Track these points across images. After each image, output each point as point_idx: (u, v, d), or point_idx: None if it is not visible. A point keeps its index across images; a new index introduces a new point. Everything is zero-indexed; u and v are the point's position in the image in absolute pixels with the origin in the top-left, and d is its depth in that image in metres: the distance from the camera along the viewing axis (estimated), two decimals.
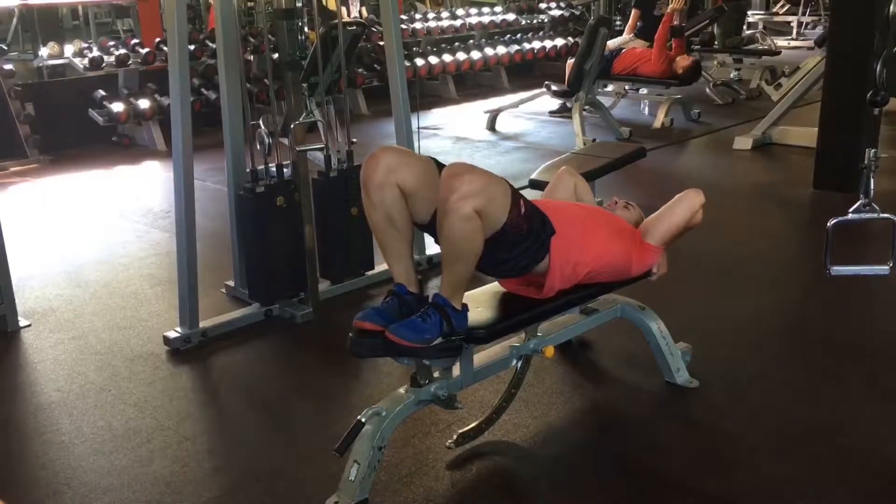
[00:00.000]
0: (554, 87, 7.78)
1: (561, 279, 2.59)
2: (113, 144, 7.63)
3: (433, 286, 4.16)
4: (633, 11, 9.31)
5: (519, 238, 2.44)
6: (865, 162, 2.66)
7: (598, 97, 7.61)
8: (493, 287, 2.80)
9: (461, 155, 6.98)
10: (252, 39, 8.26)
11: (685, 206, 2.86)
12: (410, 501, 2.49)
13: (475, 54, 9.78)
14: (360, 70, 8.70)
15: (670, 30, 7.65)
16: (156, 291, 4.22)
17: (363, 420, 2.40)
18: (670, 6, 7.84)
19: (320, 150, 3.87)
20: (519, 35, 10.63)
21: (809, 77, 6.89)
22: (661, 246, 2.82)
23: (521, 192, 2.51)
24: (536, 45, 10.37)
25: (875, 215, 2.67)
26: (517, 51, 10.09)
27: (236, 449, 2.84)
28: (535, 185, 4.09)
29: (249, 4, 11.37)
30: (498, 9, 11.35)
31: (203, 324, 3.64)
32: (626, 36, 9.18)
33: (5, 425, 3.01)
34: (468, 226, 2.26)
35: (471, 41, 10.24)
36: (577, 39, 10.11)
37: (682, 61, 7.59)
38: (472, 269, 2.38)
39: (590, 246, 2.63)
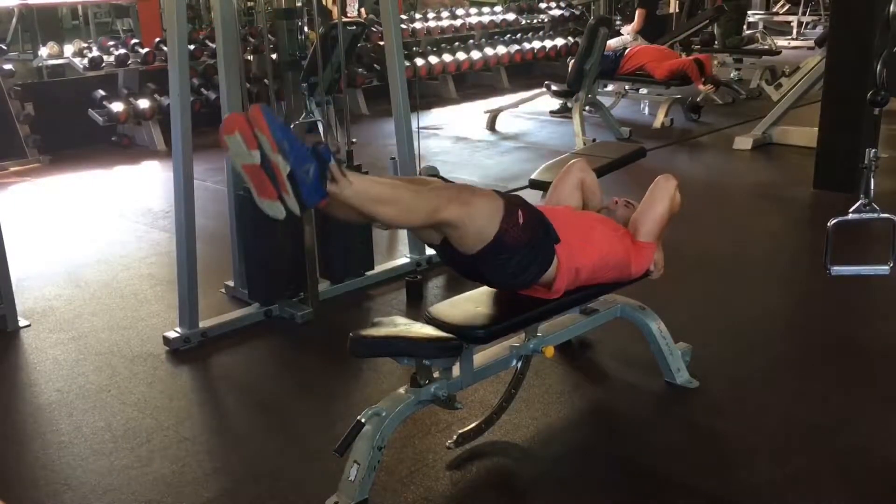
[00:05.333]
0: (554, 87, 7.78)
1: (567, 283, 2.61)
2: (113, 144, 7.63)
3: (433, 286, 4.16)
4: (639, 11, 9.31)
5: (518, 247, 2.44)
6: (865, 162, 2.66)
7: (598, 97, 7.61)
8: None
9: (461, 155, 6.98)
10: (252, 39, 8.26)
11: (662, 194, 2.84)
12: (410, 501, 2.49)
13: (475, 54, 9.78)
14: (360, 70, 8.69)
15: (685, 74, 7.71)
16: (156, 291, 4.22)
17: (363, 420, 2.40)
18: (702, 87, 7.82)
19: None
20: (519, 35, 10.63)
21: (809, 77, 6.89)
22: (653, 241, 2.82)
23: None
24: (536, 45, 10.37)
25: (875, 215, 2.67)
26: (517, 51, 10.09)
27: (236, 449, 2.84)
28: (536, 185, 4.08)
29: (249, 4, 11.36)
30: (498, 9, 11.35)
31: (203, 324, 3.63)
32: (628, 36, 9.19)
33: (5, 425, 3.01)
34: (428, 211, 2.25)
35: (471, 41, 10.24)
36: (577, 39, 10.11)
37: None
38: (365, 204, 2.20)
39: (590, 250, 2.64)
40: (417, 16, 10.20)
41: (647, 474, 2.62)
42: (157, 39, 8.25)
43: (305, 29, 4.67)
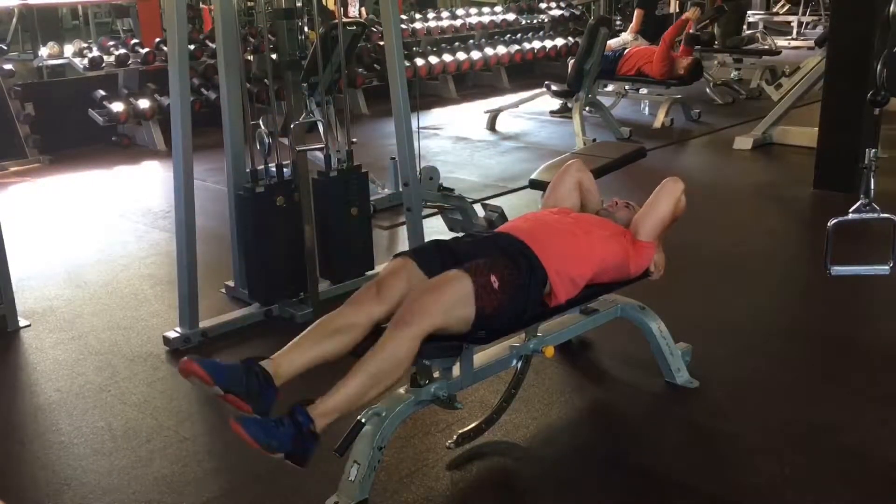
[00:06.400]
0: (554, 87, 7.78)
1: (565, 294, 2.61)
2: (113, 144, 7.63)
3: None
4: (637, 11, 9.32)
5: (505, 304, 2.41)
6: (865, 162, 2.66)
7: (598, 97, 7.61)
8: None
9: (461, 155, 6.98)
10: (252, 39, 8.26)
11: (667, 196, 2.85)
12: (410, 501, 2.49)
13: (475, 54, 9.78)
14: (360, 70, 8.70)
15: (685, 36, 7.67)
16: (156, 291, 4.22)
17: (363, 420, 2.40)
18: (685, 14, 7.88)
19: (320, 150, 3.86)
20: (519, 35, 10.63)
21: (810, 77, 6.89)
22: (653, 241, 2.82)
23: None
24: (536, 45, 10.37)
25: (875, 215, 2.67)
26: (517, 51, 10.09)
27: (236, 449, 2.82)
28: (535, 185, 4.08)
29: (249, 4, 11.36)
30: (498, 9, 11.35)
31: (203, 324, 3.64)
32: (628, 36, 9.19)
33: (5, 425, 3.01)
34: (411, 345, 2.24)
35: (471, 41, 10.24)
36: (577, 39, 10.12)
37: (683, 61, 7.59)
38: (369, 398, 2.26)
39: (584, 257, 2.64)
40: (417, 16, 10.21)
41: (647, 474, 2.62)
42: (157, 39, 8.26)
43: (305, 29, 4.67)
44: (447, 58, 9.49)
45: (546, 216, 2.82)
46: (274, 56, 3.95)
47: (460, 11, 10.82)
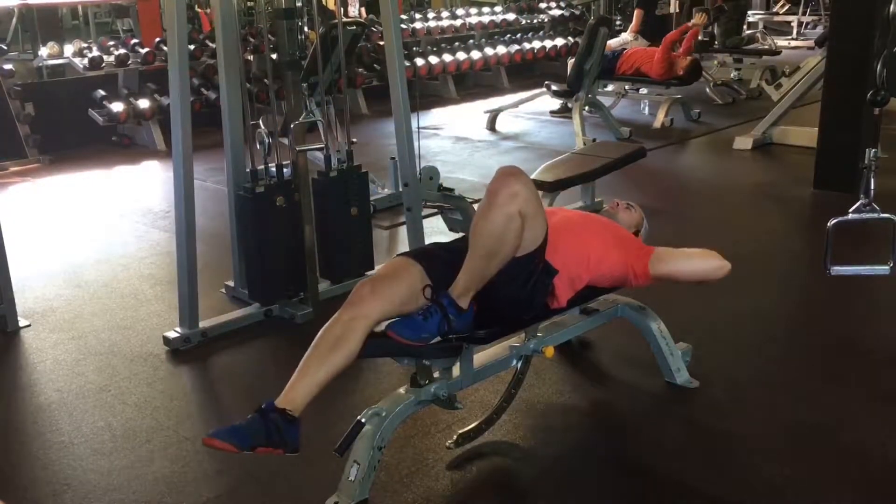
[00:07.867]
0: (554, 87, 7.78)
1: (565, 296, 2.61)
2: (113, 144, 7.64)
3: None
4: (637, 11, 9.33)
5: (534, 274, 2.44)
6: (865, 162, 2.66)
7: (598, 97, 7.61)
8: None
9: (461, 155, 6.98)
10: (252, 39, 8.26)
11: (705, 267, 2.73)
12: (410, 501, 2.49)
13: (475, 54, 9.78)
14: (360, 70, 8.70)
15: (695, 44, 7.73)
16: (156, 291, 4.22)
17: (363, 420, 2.40)
18: (693, 21, 7.90)
19: (320, 150, 3.87)
20: (519, 35, 10.63)
21: (809, 77, 6.89)
22: (660, 277, 2.75)
23: None
24: (536, 45, 10.37)
25: (875, 215, 2.67)
26: (517, 51, 10.09)
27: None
28: (535, 185, 4.08)
29: (249, 4, 11.37)
30: (498, 9, 11.35)
31: (203, 324, 3.64)
32: (628, 35, 9.20)
33: (5, 425, 3.01)
34: (511, 224, 2.27)
35: (471, 41, 10.24)
36: (577, 39, 10.12)
37: (682, 61, 7.59)
38: (492, 271, 2.34)
39: (586, 257, 2.63)
40: (417, 16, 10.21)
41: (647, 474, 2.62)
42: (157, 39, 8.26)
43: (305, 29, 4.66)
44: (447, 58, 9.49)
45: (553, 209, 2.81)
46: (274, 56, 3.95)
47: (460, 11, 10.82)
